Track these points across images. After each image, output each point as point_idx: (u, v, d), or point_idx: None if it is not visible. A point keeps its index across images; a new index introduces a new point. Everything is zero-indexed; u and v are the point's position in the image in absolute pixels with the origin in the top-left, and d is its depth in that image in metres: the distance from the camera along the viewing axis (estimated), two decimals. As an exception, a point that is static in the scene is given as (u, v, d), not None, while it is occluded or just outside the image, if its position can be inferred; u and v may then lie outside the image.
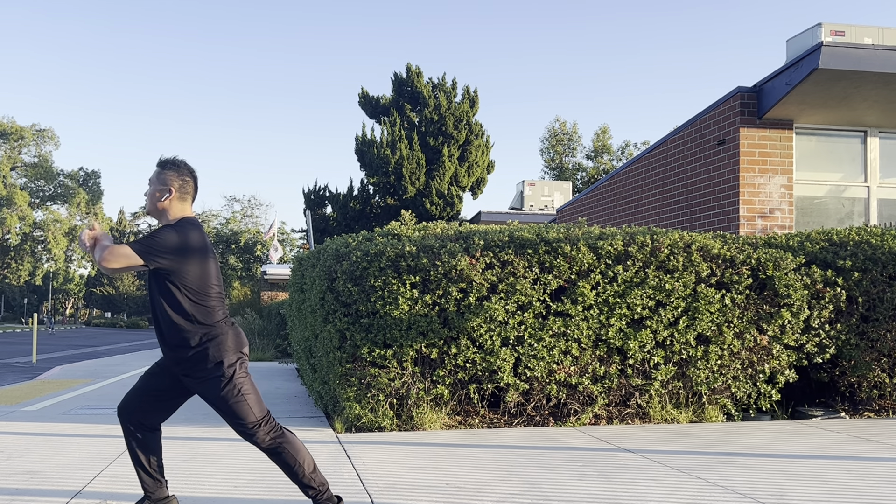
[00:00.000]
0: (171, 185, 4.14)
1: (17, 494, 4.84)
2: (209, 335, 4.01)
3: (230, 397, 3.98)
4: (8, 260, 73.81)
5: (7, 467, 5.64)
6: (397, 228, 7.97)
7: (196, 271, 4.01)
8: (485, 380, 7.18)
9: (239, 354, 4.07)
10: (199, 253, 4.04)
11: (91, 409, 8.95)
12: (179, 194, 4.16)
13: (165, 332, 4.06)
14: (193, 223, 4.12)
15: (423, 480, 5.23)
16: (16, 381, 13.96)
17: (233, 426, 4.04)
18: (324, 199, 35.71)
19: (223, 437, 6.75)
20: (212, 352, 3.99)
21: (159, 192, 4.14)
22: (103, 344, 35.00)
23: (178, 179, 4.16)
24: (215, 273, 4.12)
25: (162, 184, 4.14)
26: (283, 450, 4.05)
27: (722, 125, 11.42)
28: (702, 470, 5.54)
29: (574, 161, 60.78)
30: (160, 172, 4.17)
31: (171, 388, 4.21)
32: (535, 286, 7.15)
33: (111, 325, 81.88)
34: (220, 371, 3.99)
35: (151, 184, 4.19)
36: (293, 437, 4.11)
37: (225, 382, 3.98)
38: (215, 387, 3.99)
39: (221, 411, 4.03)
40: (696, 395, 7.63)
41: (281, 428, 4.09)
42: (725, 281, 7.51)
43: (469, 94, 36.25)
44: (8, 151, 72.39)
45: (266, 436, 4.02)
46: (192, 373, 4.04)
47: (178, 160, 4.22)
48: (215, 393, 4.00)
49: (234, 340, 4.07)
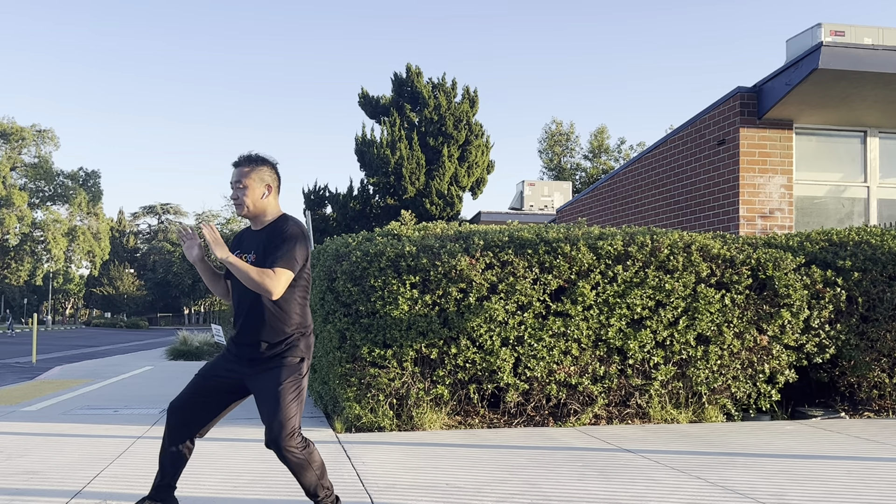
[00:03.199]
0: (271, 181, 4.09)
1: (16, 494, 4.84)
2: (304, 332, 4.04)
3: (289, 391, 3.91)
4: (8, 260, 73.78)
5: (7, 467, 5.64)
6: (397, 228, 7.97)
7: (306, 270, 4.05)
8: (485, 380, 7.18)
9: (310, 362, 4.11)
10: (307, 250, 4.05)
11: (91, 410, 8.95)
12: (276, 189, 4.13)
13: (264, 325, 3.98)
14: (296, 222, 4.08)
15: (422, 480, 5.23)
16: (16, 381, 13.95)
17: (270, 422, 3.90)
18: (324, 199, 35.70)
19: (223, 437, 6.75)
20: (301, 346, 4.01)
21: (260, 191, 4.05)
22: (103, 344, 35.00)
23: (273, 174, 4.12)
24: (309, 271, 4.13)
25: (262, 182, 4.06)
26: (304, 463, 3.96)
27: (722, 125, 11.42)
28: (701, 470, 5.54)
29: (572, 161, 60.80)
30: (254, 170, 4.06)
31: (221, 389, 4.13)
32: (534, 286, 7.15)
33: (111, 325, 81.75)
34: (299, 368, 3.99)
35: (246, 183, 4.04)
36: (315, 449, 4.05)
37: (295, 377, 3.96)
38: (285, 375, 3.94)
39: (270, 403, 3.91)
40: (696, 395, 7.63)
41: (308, 440, 4.02)
42: (725, 281, 7.50)
43: (469, 95, 36.25)
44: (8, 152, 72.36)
45: (295, 447, 3.91)
46: (270, 362, 3.98)
47: (265, 155, 4.14)
48: (278, 380, 3.92)
49: (313, 345, 4.13)
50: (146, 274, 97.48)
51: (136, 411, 8.76)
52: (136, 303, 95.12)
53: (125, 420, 8.06)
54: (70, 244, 76.24)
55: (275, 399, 3.91)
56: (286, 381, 3.94)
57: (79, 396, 10.40)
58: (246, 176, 4.06)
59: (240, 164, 4.10)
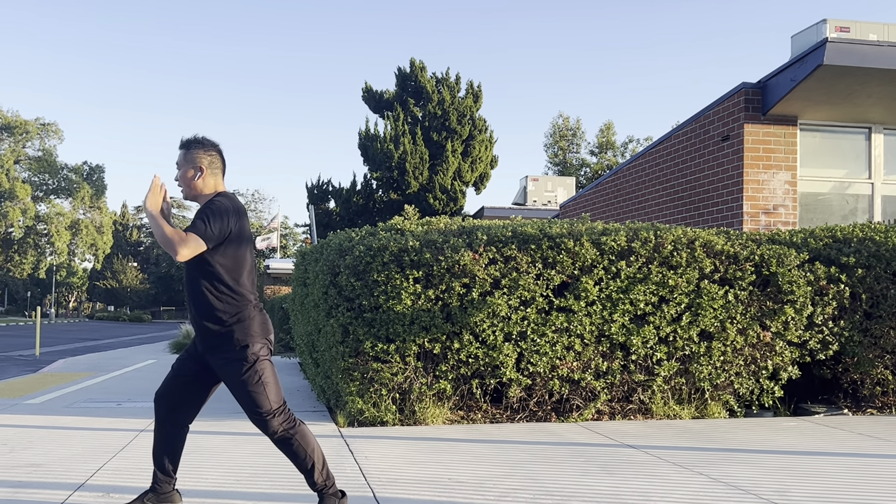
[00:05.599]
0: (201, 162, 4.11)
1: (20, 487, 4.85)
2: (238, 317, 3.99)
3: (250, 382, 3.94)
4: (11, 253, 73.90)
5: (10, 460, 5.65)
6: (400, 223, 7.96)
7: (233, 250, 4.00)
8: (487, 375, 7.18)
9: (264, 341, 4.05)
10: (238, 232, 4.02)
11: (94, 403, 8.97)
12: (210, 170, 4.13)
13: (196, 309, 4.04)
14: (230, 197, 4.10)
15: (425, 475, 5.23)
16: (19, 373, 13.98)
17: (247, 412, 4.02)
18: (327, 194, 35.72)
19: (225, 430, 6.77)
20: (238, 334, 3.97)
21: (191, 172, 4.11)
22: (106, 337, 35.06)
23: (206, 156, 4.14)
24: (250, 254, 4.11)
25: (192, 164, 4.11)
26: (294, 441, 4.02)
27: (726, 121, 11.40)
28: (704, 466, 5.53)
29: (578, 157, 60.75)
30: (186, 153, 4.14)
31: (201, 374, 4.17)
32: (538, 281, 7.15)
33: (114, 318, 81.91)
34: (244, 355, 3.96)
35: (180, 166, 4.15)
36: (306, 430, 4.09)
37: (247, 367, 3.95)
38: (236, 370, 3.96)
39: (238, 395, 4.00)
40: (699, 392, 7.63)
41: (294, 418, 4.06)
42: (729, 277, 7.49)
43: (473, 89, 36.22)
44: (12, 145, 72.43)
45: (279, 426, 3.99)
46: (217, 353, 4.02)
47: (200, 137, 4.19)
48: (235, 377, 3.97)
49: (260, 326, 4.05)
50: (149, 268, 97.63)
51: (139, 405, 8.77)
52: (139, 296, 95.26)
53: (128, 413, 8.07)
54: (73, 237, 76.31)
55: (239, 394, 4.00)
56: (241, 375, 3.96)
57: (82, 389, 10.42)
58: (179, 159, 4.18)
59: (179, 147, 4.20)
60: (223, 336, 3.98)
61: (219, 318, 3.98)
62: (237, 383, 3.98)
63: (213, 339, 4.01)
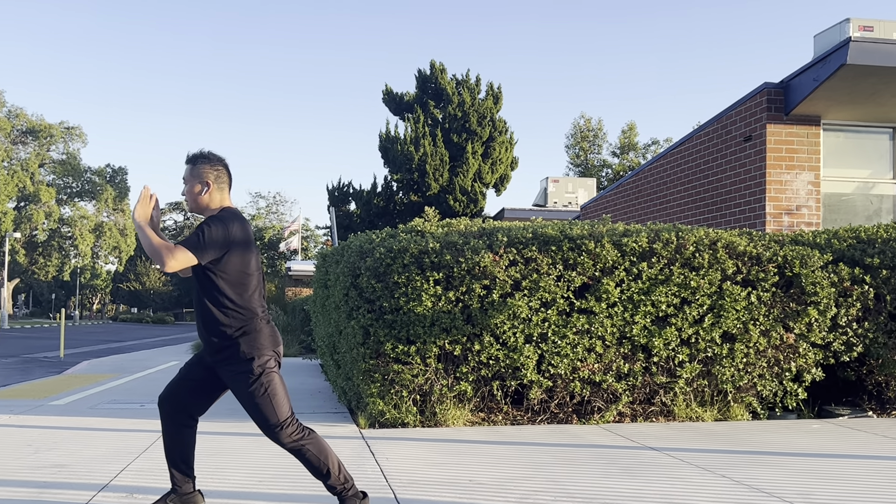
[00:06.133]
0: (207, 178, 4.13)
1: (45, 487, 4.90)
2: (244, 329, 4.00)
3: (257, 395, 3.97)
4: (36, 256, 74.58)
5: (35, 461, 5.71)
6: (421, 225, 7.97)
7: (236, 263, 4.01)
8: (508, 377, 7.17)
9: (272, 352, 4.06)
10: (242, 243, 4.03)
11: (117, 404, 9.04)
12: (217, 185, 4.15)
13: (202, 321, 4.07)
14: (235, 213, 4.11)
15: (446, 476, 5.23)
16: (44, 375, 14.12)
17: (257, 423, 4.05)
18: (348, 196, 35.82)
19: (248, 432, 6.79)
20: (244, 346, 3.99)
21: (198, 188, 4.12)
22: (129, 339, 35.32)
23: (213, 171, 4.15)
24: (255, 265, 4.10)
25: (198, 178, 4.13)
26: (306, 450, 4.04)
27: (748, 121, 11.33)
28: (727, 468, 5.50)
29: (599, 158, 60.57)
30: (193, 168, 4.15)
31: (209, 379, 4.20)
32: (558, 283, 7.13)
33: (137, 320, 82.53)
34: (250, 367, 3.98)
35: (187, 181, 4.17)
36: (317, 438, 4.09)
37: (254, 379, 3.97)
38: (244, 382, 3.99)
39: (247, 407, 4.04)
40: (722, 394, 7.58)
41: (304, 429, 4.06)
42: (751, 278, 7.45)
43: (493, 91, 36.20)
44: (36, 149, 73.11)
45: (288, 437, 4.01)
46: (224, 365, 4.05)
47: (206, 152, 4.20)
48: (243, 388, 4.00)
49: (268, 338, 4.06)
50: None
51: (162, 406, 8.82)
52: (162, 298, 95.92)
53: (151, 414, 8.12)
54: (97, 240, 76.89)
55: (248, 406, 4.03)
56: (248, 387, 3.98)
57: (106, 391, 10.50)
58: (186, 174, 4.19)
59: (185, 162, 4.21)
60: (230, 349, 4.01)
61: (224, 331, 4.00)
62: (245, 395, 4.01)
63: (221, 352, 4.04)
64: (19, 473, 5.28)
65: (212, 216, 4.06)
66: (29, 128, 72.02)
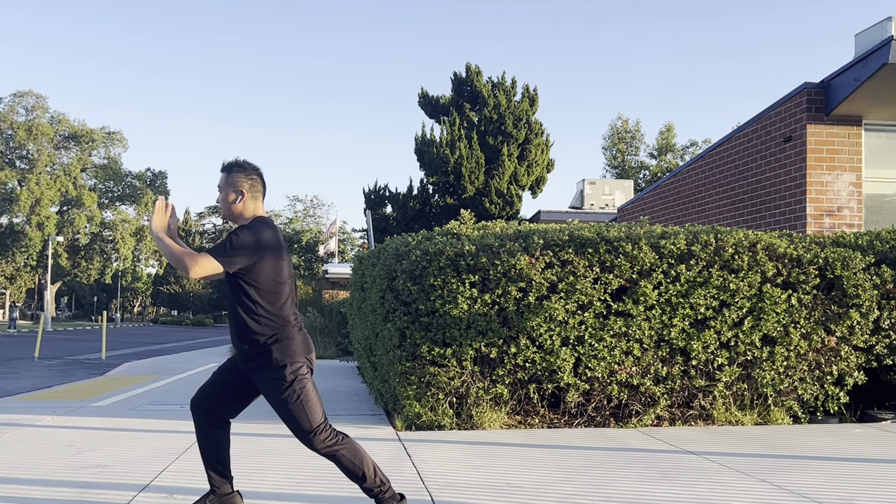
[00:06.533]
0: (242, 186, 4.15)
1: (87, 487, 4.97)
2: (277, 337, 4.03)
3: (290, 401, 3.99)
4: (78, 259, 75.72)
5: (78, 461, 5.80)
6: (456, 228, 7.98)
7: (268, 271, 4.03)
8: (545, 380, 7.15)
9: (304, 359, 4.08)
10: (272, 252, 4.05)
11: (158, 405, 9.15)
12: (251, 194, 4.17)
13: (235, 329, 4.11)
14: (267, 222, 4.13)
15: (482, 479, 5.22)
16: (86, 376, 14.34)
17: (291, 429, 4.07)
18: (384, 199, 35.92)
19: (285, 433, 6.82)
20: (276, 354, 4.01)
21: (232, 196, 4.15)
22: (169, 341, 35.74)
23: (248, 180, 4.18)
24: (287, 274, 4.12)
25: (232, 187, 4.15)
26: (340, 455, 4.05)
27: (788, 122, 11.19)
28: (767, 473, 5.43)
29: (637, 159, 60.16)
30: (228, 176, 4.18)
31: (241, 384, 4.24)
32: (595, 286, 7.09)
33: (177, 322, 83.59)
34: (283, 374, 4.00)
35: (222, 189, 4.19)
36: (351, 442, 4.10)
37: (286, 386, 3.99)
38: (276, 389, 4.02)
39: (280, 414, 4.06)
40: (762, 397, 7.49)
41: (338, 434, 4.08)
42: (792, 281, 7.35)
43: (529, 93, 36.11)
44: (79, 154, 74.29)
45: (322, 443, 4.02)
46: (257, 372, 4.08)
47: (242, 161, 4.23)
48: (276, 395, 4.03)
49: (300, 345, 4.08)
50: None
51: (202, 407, 8.91)
52: (201, 301, 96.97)
53: (191, 416, 8.20)
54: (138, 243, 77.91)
55: (281, 412, 4.05)
56: (281, 394, 4.01)
57: (146, 392, 10.63)
58: (221, 182, 4.22)
59: (221, 170, 4.24)
60: (262, 356, 4.04)
61: (256, 339, 4.03)
62: (278, 402, 4.03)
63: (254, 360, 4.07)
64: (62, 473, 5.37)
65: (243, 225, 4.09)
66: (71, 133, 73.22)
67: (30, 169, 70.50)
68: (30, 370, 16.33)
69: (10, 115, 70.60)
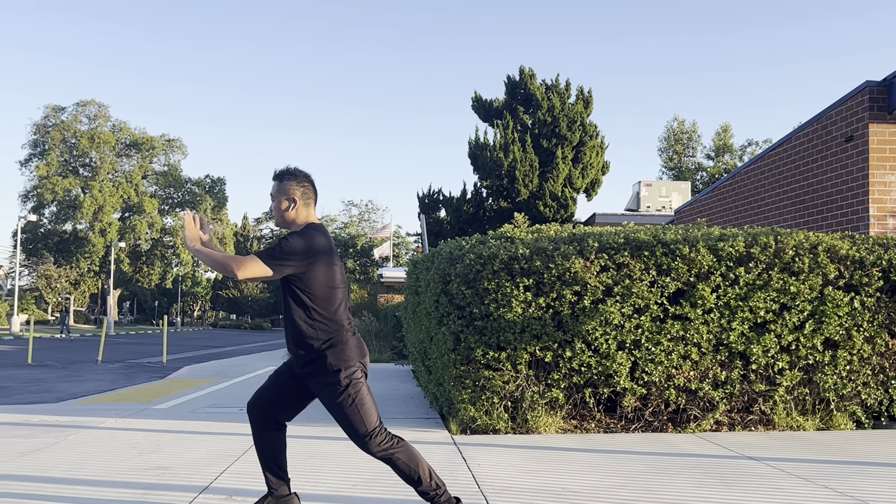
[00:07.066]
0: (294, 194, 4.21)
1: (149, 489, 5.07)
2: (331, 342, 4.07)
3: (345, 405, 4.03)
4: (140, 264, 77.34)
5: (140, 462, 5.92)
6: (510, 231, 7.96)
7: (321, 277, 4.07)
8: (601, 384, 7.10)
9: (358, 364, 4.11)
10: (324, 259, 4.08)
11: (217, 408, 9.29)
12: (303, 201, 4.22)
13: (290, 334, 4.16)
14: (319, 228, 4.18)
15: (538, 484, 5.20)
16: (148, 380, 14.63)
17: (346, 433, 4.11)
18: (438, 203, 36.01)
19: (341, 436, 6.87)
20: (331, 359, 4.05)
21: (285, 204, 4.20)
22: (228, 345, 36.27)
23: (299, 187, 4.23)
24: (340, 279, 4.16)
25: (285, 195, 4.20)
26: (396, 458, 4.08)
27: (849, 121, 10.95)
28: (830, 479, 5.31)
29: (694, 161, 59.39)
30: (280, 184, 4.23)
31: (297, 388, 4.29)
32: (651, 289, 7.02)
33: (236, 326, 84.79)
34: (338, 378, 4.04)
35: (274, 198, 4.25)
36: (406, 445, 4.13)
37: (341, 390, 4.03)
38: (331, 393, 4.05)
39: (336, 417, 4.10)
40: (824, 402, 7.33)
41: (393, 437, 4.11)
42: (854, 283, 7.19)
43: (583, 95, 35.89)
44: (140, 161, 75.94)
45: (377, 447, 4.05)
46: (312, 377, 4.13)
47: (293, 169, 4.28)
48: (331, 399, 4.07)
49: (355, 349, 4.12)
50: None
51: (259, 410, 9.02)
52: (259, 305, 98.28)
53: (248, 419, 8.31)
54: (198, 249, 79.17)
55: (337, 416, 4.08)
56: (336, 398, 4.04)
57: (205, 395, 10.81)
58: (273, 190, 4.27)
59: (272, 178, 4.29)
60: (317, 361, 4.08)
61: (311, 344, 4.07)
62: (333, 406, 4.07)
63: (309, 365, 4.11)
64: (125, 475, 5.49)
65: (294, 231, 4.14)
66: (132, 141, 74.86)
67: (93, 176, 72.27)
68: (93, 373, 16.72)
69: (74, 125, 72.46)
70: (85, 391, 12.44)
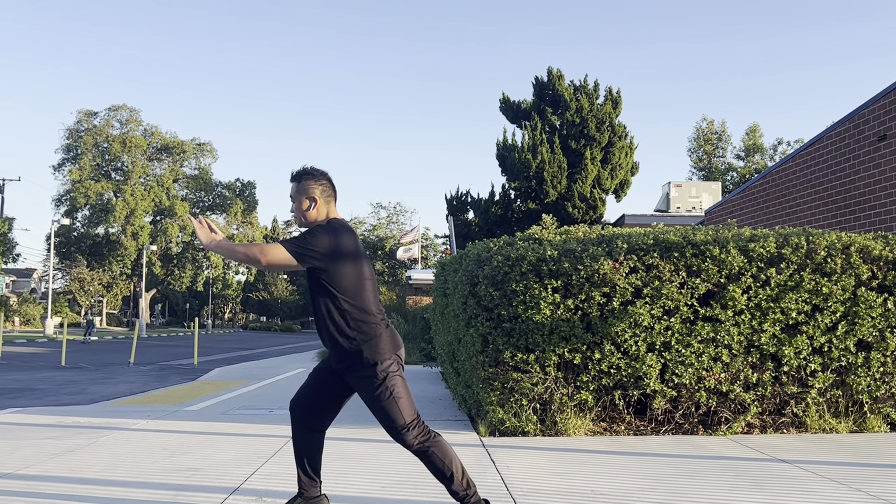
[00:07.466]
0: (313, 193, 4.24)
1: (180, 490, 5.11)
2: (365, 336, 4.10)
3: (382, 398, 4.05)
4: (171, 267, 78.04)
5: (171, 464, 5.97)
6: (538, 233, 7.94)
7: (349, 271, 4.10)
8: (630, 386, 7.05)
9: (394, 356, 4.14)
10: (351, 252, 4.12)
11: (247, 410, 9.35)
12: (323, 199, 4.26)
13: (324, 331, 4.18)
14: (342, 223, 4.21)
15: (567, 486, 5.18)
16: (179, 381, 14.76)
17: (383, 426, 4.13)
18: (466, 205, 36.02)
19: (371, 438, 6.91)
20: (367, 352, 4.08)
21: (306, 203, 4.24)
22: (258, 347, 36.50)
23: (318, 186, 4.26)
24: (369, 272, 4.19)
25: (305, 194, 4.24)
26: (431, 453, 4.10)
27: (882, 120, 10.80)
28: (863, 482, 5.24)
29: (724, 161, 58.90)
30: (299, 185, 4.27)
31: (337, 385, 4.32)
32: (681, 290, 6.97)
33: (266, 328, 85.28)
34: (374, 372, 4.07)
35: (294, 199, 4.29)
36: (442, 441, 4.15)
37: (378, 383, 4.06)
38: (369, 386, 4.08)
39: (373, 410, 4.12)
40: (857, 404, 7.24)
41: (429, 431, 4.13)
42: (888, 284, 7.09)
43: (612, 96, 35.74)
44: (171, 165, 76.62)
45: (415, 439, 4.07)
46: (350, 371, 4.16)
47: (309, 168, 4.32)
48: (369, 392, 4.09)
49: (389, 342, 4.15)
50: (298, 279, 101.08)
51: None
52: (289, 307, 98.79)
53: (279, 420, 8.37)
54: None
55: (374, 409, 4.11)
56: (374, 391, 4.06)
57: (236, 397, 10.89)
58: (293, 191, 4.31)
59: (290, 180, 4.32)
60: (353, 355, 4.10)
61: (347, 337, 4.10)
62: (371, 399, 4.10)
63: (345, 359, 4.14)
64: (156, 476, 5.54)
65: (317, 225, 4.18)
66: (163, 145, 75.55)
67: (125, 180, 73.07)
68: (125, 375, 16.90)
69: (106, 129, 73.27)
70: (118, 393, 12.58)
